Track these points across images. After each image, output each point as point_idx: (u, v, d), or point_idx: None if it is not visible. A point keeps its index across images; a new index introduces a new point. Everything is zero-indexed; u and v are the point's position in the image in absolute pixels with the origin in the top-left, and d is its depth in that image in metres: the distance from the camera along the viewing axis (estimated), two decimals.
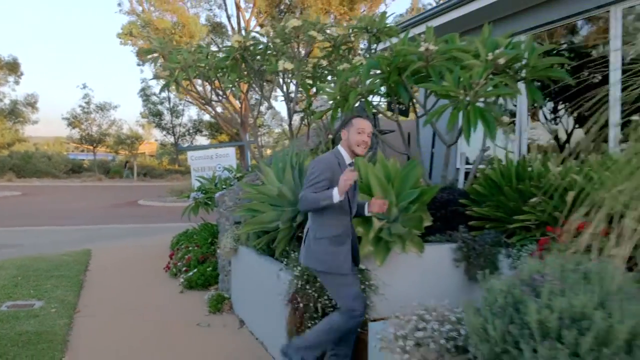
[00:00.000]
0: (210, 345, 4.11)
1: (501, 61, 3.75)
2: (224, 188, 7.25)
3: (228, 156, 9.05)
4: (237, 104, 15.58)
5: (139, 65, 26.81)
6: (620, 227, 1.75)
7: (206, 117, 33.18)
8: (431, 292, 3.02)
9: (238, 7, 21.72)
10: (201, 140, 36.51)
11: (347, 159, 2.92)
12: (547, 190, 3.14)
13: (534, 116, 5.98)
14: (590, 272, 1.64)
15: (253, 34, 5.34)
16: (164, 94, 32.67)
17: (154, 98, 34.43)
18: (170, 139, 37.19)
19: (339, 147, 2.97)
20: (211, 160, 9.15)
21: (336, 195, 2.65)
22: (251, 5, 22.16)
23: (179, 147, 35.35)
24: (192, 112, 45.20)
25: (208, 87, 6.09)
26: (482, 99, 3.87)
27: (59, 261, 7.40)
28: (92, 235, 10.57)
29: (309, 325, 3.26)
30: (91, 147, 36.56)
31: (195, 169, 9.31)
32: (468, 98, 3.68)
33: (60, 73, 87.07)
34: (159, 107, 35.09)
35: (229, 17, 22.68)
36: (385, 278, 3.30)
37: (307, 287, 3.32)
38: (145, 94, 34.33)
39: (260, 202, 4.01)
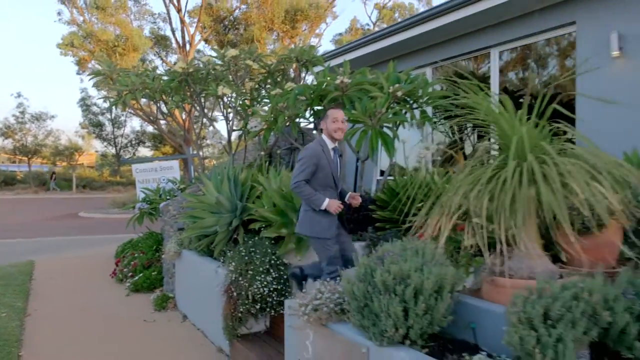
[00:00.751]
0: (156, 336, 4.66)
1: (399, 93, 4.63)
2: (168, 199, 7.75)
3: (172, 169, 9.52)
4: (180, 118, 15.94)
5: (78, 74, 26.28)
6: (441, 220, 2.59)
7: (149, 129, 32.85)
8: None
9: (183, 22, 22.03)
10: (144, 151, 35.99)
11: (330, 144, 3.60)
12: (430, 196, 4.00)
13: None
14: (419, 249, 2.45)
15: (196, 61, 5.94)
16: (106, 104, 32.07)
17: (94, 108, 33.63)
18: (112, 150, 36.36)
19: (322, 135, 3.64)
20: (156, 172, 9.58)
21: (323, 206, 3.39)
22: (196, 19, 22.54)
23: (122, 160, 34.64)
24: (134, 123, 44.35)
25: (153, 105, 6.56)
26: (386, 124, 4.74)
27: (2, 272, 7.55)
28: (32, 247, 10.58)
29: (241, 309, 3.93)
30: (26, 159, 35.01)
31: (140, 180, 9.69)
32: (373, 123, 4.52)
33: None
34: (100, 117, 34.31)
35: (173, 31, 23.03)
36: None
37: (240, 279, 3.99)
38: (85, 104, 33.47)
39: (201, 209, 4.64)
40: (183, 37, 22.47)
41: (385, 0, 28.82)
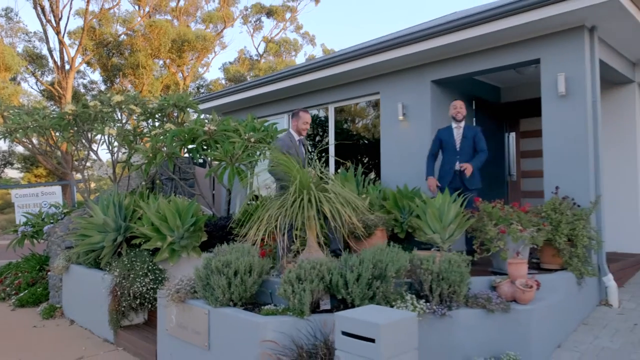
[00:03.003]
0: (47, 336, 5.63)
1: (252, 140, 6.26)
2: (52, 222, 8.50)
3: (55, 194, 10.15)
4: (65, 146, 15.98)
5: None
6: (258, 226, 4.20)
7: (19, 149, 30.84)
8: None
9: (62, 43, 21.84)
10: (12, 173, 33.47)
11: (297, 137, 5.09)
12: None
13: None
14: (240, 248, 4.03)
15: (89, 99, 7.01)
16: None
17: None
18: None
19: (290, 129, 5.12)
20: (37, 197, 10.13)
21: None
22: (77, 41, 22.45)
23: (1, 186, 31.85)
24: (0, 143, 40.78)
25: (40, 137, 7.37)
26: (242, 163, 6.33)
27: None
28: None
29: (124, 305, 5.16)
30: None
31: (19, 205, 10.14)
32: (232, 162, 6.09)
33: None
34: None
35: (50, 51, 22.44)
36: (176, 272, 5.38)
37: (124, 281, 5.22)
38: None
39: (90, 229, 5.77)
40: (62, 58, 22.23)
41: (271, 34, 31.02)
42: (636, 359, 3.81)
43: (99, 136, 7.43)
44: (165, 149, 6.40)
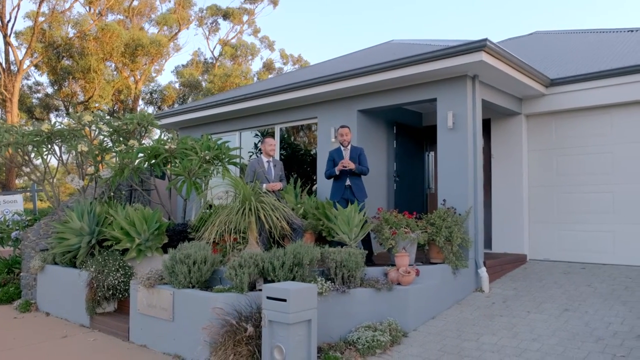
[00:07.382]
0: (31, 325, 7.19)
1: (207, 157, 8.04)
2: (17, 229, 9.98)
3: (16, 202, 11.56)
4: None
5: None
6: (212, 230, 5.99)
7: None
8: None
9: (9, 44, 22.82)
10: None
11: (265, 159, 7.09)
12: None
13: None
14: (197, 245, 5.81)
15: (58, 123, 8.59)
16: None
17: None
18: None
19: (262, 153, 7.17)
20: None
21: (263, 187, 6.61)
22: (25, 44, 23.46)
23: None
24: None
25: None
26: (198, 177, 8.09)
27: None
28: None
29: (99, 294, 6.81)
30: None
31: None
32: (189, 176, 7.84)
33: None
34: None
35: None
36: (142, 269, 7.07)
37: (99, 276, 6.88)
38: None
39: (68, 233, 7.40)
40: (7, 60, 23.18)
41: (227, 37, 32.66)
42: (482, 322, 5.83)
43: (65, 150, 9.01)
44: (131, 164, 8.09)
